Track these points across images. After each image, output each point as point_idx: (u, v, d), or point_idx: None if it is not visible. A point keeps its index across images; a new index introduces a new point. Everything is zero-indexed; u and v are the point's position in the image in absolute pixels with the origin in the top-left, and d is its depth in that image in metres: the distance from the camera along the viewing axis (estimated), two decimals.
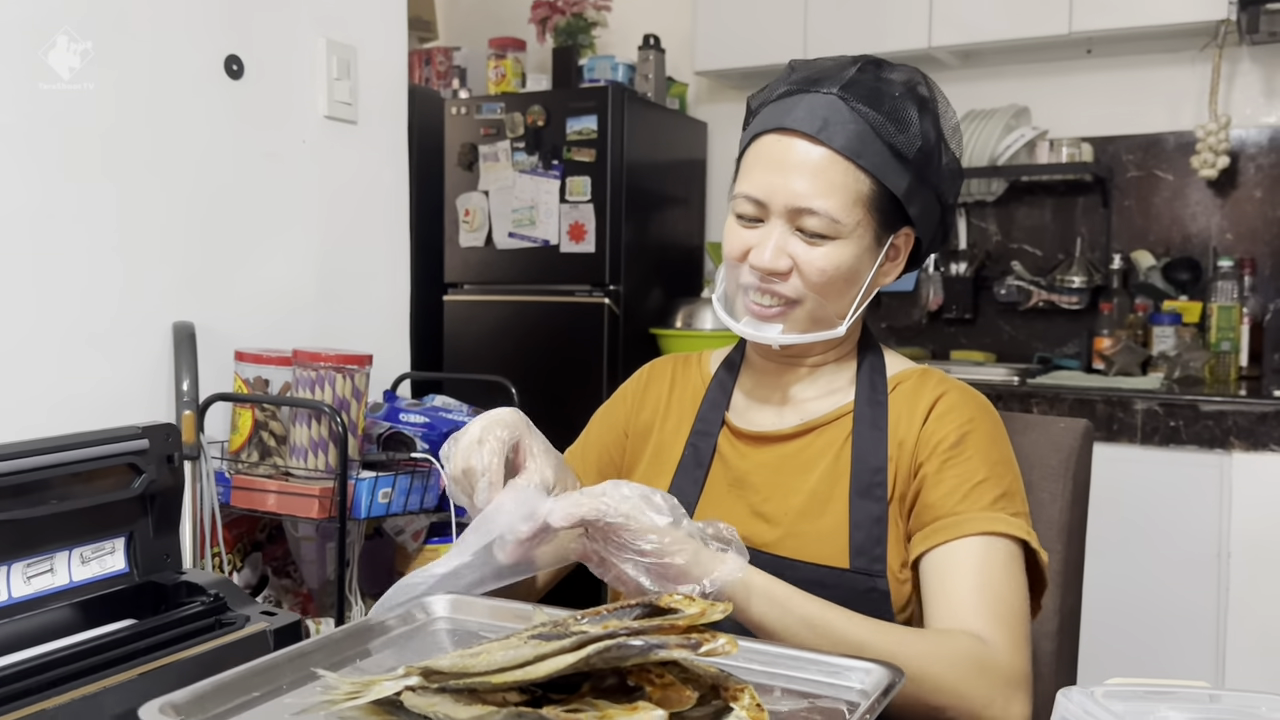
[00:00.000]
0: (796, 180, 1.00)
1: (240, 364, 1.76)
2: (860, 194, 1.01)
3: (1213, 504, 2.45)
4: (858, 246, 1.03)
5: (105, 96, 1.65)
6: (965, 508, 0.98)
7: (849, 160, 1.00)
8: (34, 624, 0.96)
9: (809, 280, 1.02)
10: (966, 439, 1.02)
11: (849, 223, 1.01)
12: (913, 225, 1.07)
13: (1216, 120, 2.85)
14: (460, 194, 3.30)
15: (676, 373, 1.22)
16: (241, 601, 1.05)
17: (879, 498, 1.02)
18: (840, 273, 1.02)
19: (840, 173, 1.00)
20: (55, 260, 1.60)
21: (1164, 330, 2.94)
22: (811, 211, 1.00)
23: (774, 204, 1.02)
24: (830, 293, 1.03)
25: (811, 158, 1.00)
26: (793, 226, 1.02)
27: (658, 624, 0.60)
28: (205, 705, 0.65)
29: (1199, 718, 0.79)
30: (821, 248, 1.01)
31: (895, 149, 1.01)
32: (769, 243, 1.02)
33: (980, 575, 0.95)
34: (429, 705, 0.62)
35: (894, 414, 1.07)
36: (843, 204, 1.00)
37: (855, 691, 0.70)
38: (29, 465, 0.95)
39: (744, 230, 1.05)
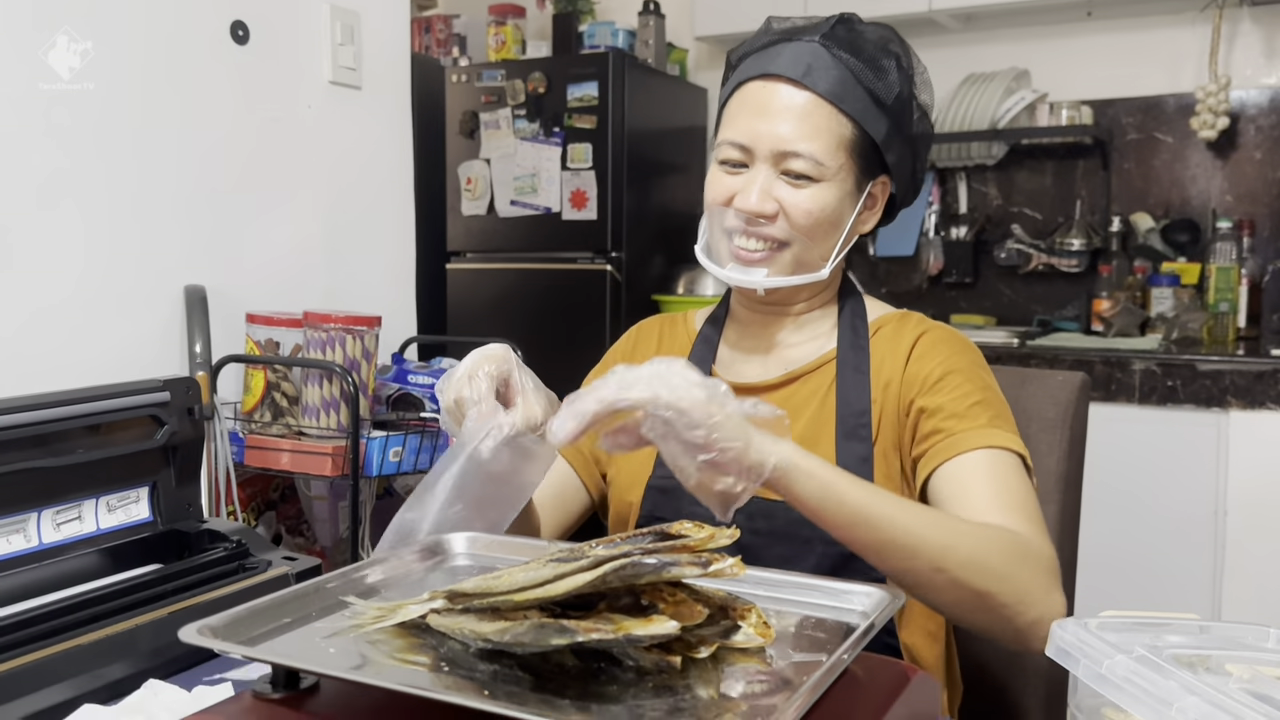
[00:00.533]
0: (781, 124, 1.03)
1: (251, 326, 1.79)
2: (843, 138, 1.04)
3: (1210, 463, 2.48)
4: (840, 190, 1.06)
5: (113, 62, 1.66)
6: (965, 426, 1.01)
7: (832, 104, 1.03)
8: (65, 568, 1.00)
9: (795, 222, 1.05)
10: (952, 371, 1.05)
11: (832, 165, 1.04)
12: (889, 174, 1.10)
13: (1216, 81, 2.86)
14: (462, 162, 3.31)
15: (663, 332, 1.25)
16: (263, 548, 1.08)
17: (864, 438, 1.05)
18: (825, 215, 1.05)
19: (824, 116, 1.04)
20: (67, 226, 1.62)
21: (1162, 292, 2.96)
22: (797, 154, 1.03)
23: (759, 148, 1.05)
24: (816, 235, 1.06)
25: (796, 102, 1.04)
26: (777, 170, 1.05)
27: (668, 545, 0.63)
28: (239, 629, 0.68)
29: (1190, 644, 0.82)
30: (806, 190, 1.04)
31: (875, 95, 1.05)
32: (755, 186, 1.04)
33: (995, 481, 0.97)
34: (454, 625, 0.65)
35: (876, 357, 1.10)
36: (827, 147, 1.03)
37: (857, 613, 0.73)
38: (56, 415, 0.98)
39: (728, 176, 1.08)
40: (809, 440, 1.08)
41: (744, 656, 0.66)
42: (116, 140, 1.68)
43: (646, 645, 0.62)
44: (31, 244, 1.58)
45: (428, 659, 0.66)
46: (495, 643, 0.62)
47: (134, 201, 1.70)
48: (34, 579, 0.96)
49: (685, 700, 0.60)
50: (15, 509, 0.97)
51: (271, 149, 1.92)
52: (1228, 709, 0.67)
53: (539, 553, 0.83)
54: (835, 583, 0.77)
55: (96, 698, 0.82)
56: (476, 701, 0.57)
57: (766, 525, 1.03)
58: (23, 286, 1.57)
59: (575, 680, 0.62)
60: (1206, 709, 0.68)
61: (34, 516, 0.99)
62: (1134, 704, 0.72)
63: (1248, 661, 0.78)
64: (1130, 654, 0.76)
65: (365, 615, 0.69)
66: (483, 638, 0.62)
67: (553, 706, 0.58)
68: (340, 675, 0.62)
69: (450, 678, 0.63)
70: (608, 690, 0.61)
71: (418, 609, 0.68)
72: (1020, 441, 1.02)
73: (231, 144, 1.85)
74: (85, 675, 0.83)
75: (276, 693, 0.65)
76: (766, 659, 0.66)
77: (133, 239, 1.71)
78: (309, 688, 0.66)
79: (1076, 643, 0.78)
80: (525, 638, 0.59)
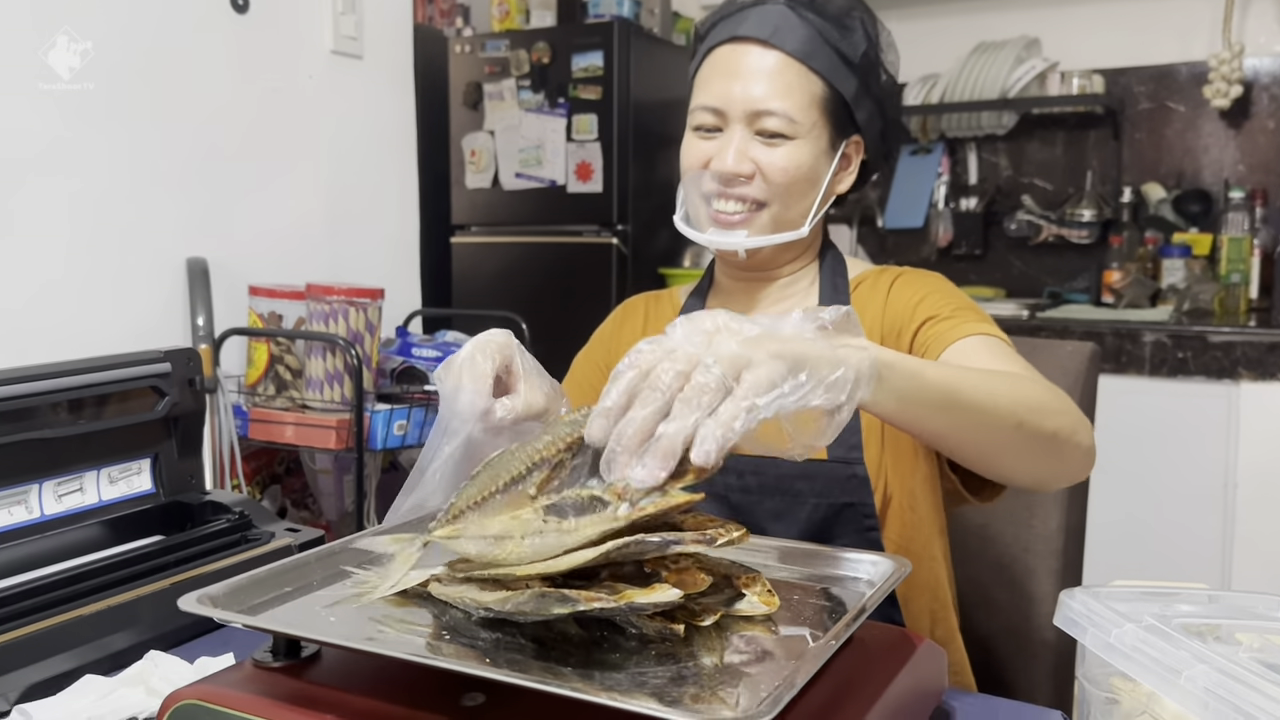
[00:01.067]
0: (753, 85, 1.04)
1: (254, 298, 1.78)
2: (814, 95, 1.05)
3: (1220, 435, 2.47)
4: (815, 148, 1.06)
5: (113, 32, 1.65)
6: (955, 322, 1.02)
7: (801, 63, 1.04)
8: (67, 540, 0.99)
9: (772, 181, 1.05)
10: (932, 292, 1.07)
11: (805, 122, 1.05)
12: (861, 133, 1.11)
13: (1230, 49, 2.82)
14: (466, 134, 3.29)
15: (649, 308, 1.25)
16: (266, 519, 1.08)
17: None
18: (801, 172, 1.06)
19: (794, 74, 1.04)
20: (67, 199, 1.61)
21: (1174, 263, 2.93)
22: (770, 112, 1.03)
23: (732, 110, 1.05)
24: (793, 193, 1.07)
25: (766, 62, 1.04)
26: (752, 131, 1.05)
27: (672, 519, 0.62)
28: (240, 598, 0.67)
29: (1199, 613, 0.81)
30: (781, 148, 1.05)
31: (842, 53, 1.05)
32: (730, 147, 1.05)
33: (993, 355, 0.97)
34: (455, 593, 0.64)
35: (858, 309, 1.10)
36: (799, 104, 1.04)
37: (863, 582, 0.72)
38: (57, 387, 0.98)
39: (702, 142, 1.08)
40: None
41: (748, 625, 0.65)
42: (115, 112, 1.66)
43: (650, 613, 0.61)
44: (31, 217, 1.57)
45: (429, 628, 0.65)
46: (497, 612, 0.61)
47: (134, 173, 1.69)
48: (36, 550, 0.96)
49: (689, 668, 0.59)
50: (17, 480, 0.96)
51: (272, 120, 1.91)
52: (1237, 677, 0.66)
53: None
54: (841, 551, 0.76)
55: (98, 668, 0.82)
56: (479, 669, 0.56)
57: (756, 481, 1.04)
58: (24, 259, 1.56)
59: (578, 648, 0.61)
60: (1215, 677, 0.67)
61: (35, 488, 0.98)
62: (1142, 673, 0.72)
63: (1258, 630, 0.77)
64: (1139, 623, 0.75)
65: (367, 584, 0.69)
66: (484, 606, 0.62)
67: (555, 674, 0.58)
68: (341, 644, 0.61)
69: (452, 646, 0.62)
70: (610, 658, 0.60)
71: (419, 575, 0.68)
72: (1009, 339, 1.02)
73: (232, 115, 1.84)
74: (87, 646, 0.83)
75: (277, 661, 0.64)
76: (771, 627, 0.65)
77: (133, 211, 1.70)
78: (310, 656, 0.65)
79: (1085, 612, 0.77)
80: (527, 607, 0.59)
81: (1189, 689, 0.68)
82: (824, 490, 1.00)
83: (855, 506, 1.01)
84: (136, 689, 0.76)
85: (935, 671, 0.73)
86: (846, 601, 0.69)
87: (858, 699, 0.62)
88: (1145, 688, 0.73)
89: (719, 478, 1.04)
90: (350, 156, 2.06)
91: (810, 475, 1.02)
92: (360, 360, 1.66)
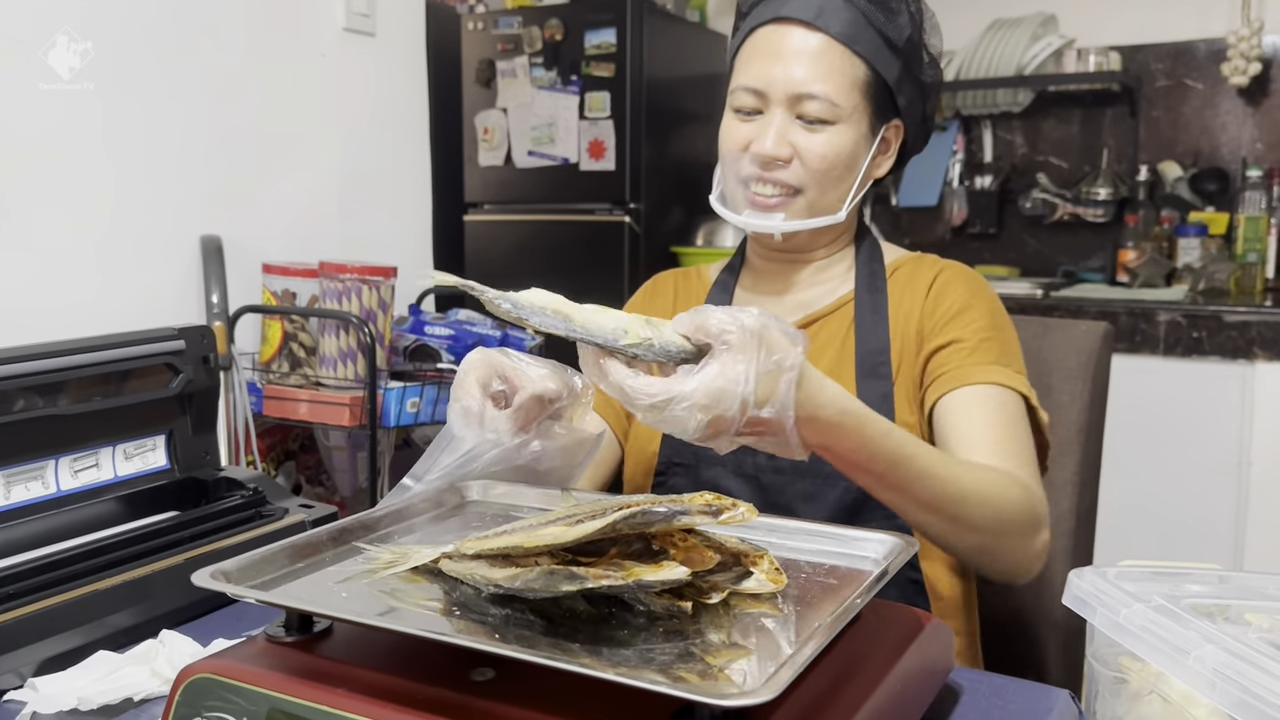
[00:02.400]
0: (795, 67, 1.03)
1: (268, 276, 1.79)
2: (856, 79, 1.04)
3: (1235, 414, 2.46)
4: (855, 133, 1.05)
5: (125, 11, 1.65)
6: (973, 361, 1.02)
7: (845, 45, 1.03)
8: (83, 515, 1.01)
9: (810, 167, 1.05)
10: (968, 308, 1.06)
11: (847, 106, 1.03)
12: (901, 117, 1.10)
13: (1249, 26, 2.78)
14: (479, 112, 3.28)
15: (679, 284, 1.25)
16: (280, 495, 1.09)
17: (884, 375, 1.06)
18: (840, 159, 1.05)
19: (838, 57, 1.03)
20: (80, 177, 1.62)
21: (1189, 242, 2.91)
22: (811, 96, 1.02)
23: (773, 92, 1.04)
24: (830, 180, 1.06)
25: (809, 44, 1.03)
26: (792, 114, 1.04)
27: (676, 498, 0.63)
28: (253, 573, 0.68)
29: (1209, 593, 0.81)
30: (821, 134, 1.04)
31: (886, 36, 1.04)
32: (770, 131, 1.04)
33: (994, 416, 0.98)
34: (466, 570, 0.65)
35: (894, 298, 1.10)
36: (840, 87, 1.03)
37: (870, 560, 0.73)
38: (73, 364, 0.99)
39: (742, 124, 1.07)
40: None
41: (756, 603, 0.66)
42: (129, 90, 1.67)
43: (657, 591, 0.61)
44: (46, 195, 1.58)
45: (440, 604, 0.66)
46: (506, 588, 0.62)
47: (147, 152, 1.70)
48: (52, 525, 0.98)
49: (696, 645, 0.60)
50: (34, 456, 0.98)
51: (286, 98, 1.91)
52: (1246, 658, 0.67)
53: (552, 502, 0.83)
54: (849, 530, 0.76)
55: (113, 642, 0.83)
56: (488, 645, 0.56)
57: (789, 463, 1.03)
58: (40, 237, 1.57)
59: (586, 625, 0.62)
60: (1224, 658, 0.67)
61: (52, 464, 0.99)
62: (1151, 653, 0.72)
63: (1268, 611, 0.77)
64: (1148, 603, 0.75)
65: (378, 561, 0.69)
66: (494, 583, 0.62)
67: (563, 650, 0.58)
68: (353, 619, 0.62)
69: (462, 622, 0.63)
70: (618, 635, 0.60)
71: (430, 552, 0.68)
72: (1025, 382, 1.03)
73: (245, 93, 1.84)
74: (101, 621, 0.84)
75: (290, 636, 0.65)
76: (778, 605, 0.66)
77: (147, 189, 1.70)
78: (322, 631, 0.66)
79: (1094, 591, 0.77)
80: (535, 584, 0.59)
81: (1197, 669, 0.68)
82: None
83: None
84: (142, 669, 0.77)
85: (942, 650, 0.73)
86: (854, 580, 0.70)
87: (864, 677, 0.63)
88: (1154, 667, 0.73)
89: (749, 458, 1.05)
90: (363, 134, 2.06)
91: None
92: (373, 338, 1.67)
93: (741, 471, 1.05)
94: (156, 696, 0.76)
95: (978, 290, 1.09)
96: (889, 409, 1.04)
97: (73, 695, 0.74)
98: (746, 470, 1.05)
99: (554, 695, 0.57)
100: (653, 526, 0.62)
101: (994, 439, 0.97)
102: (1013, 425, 0.99)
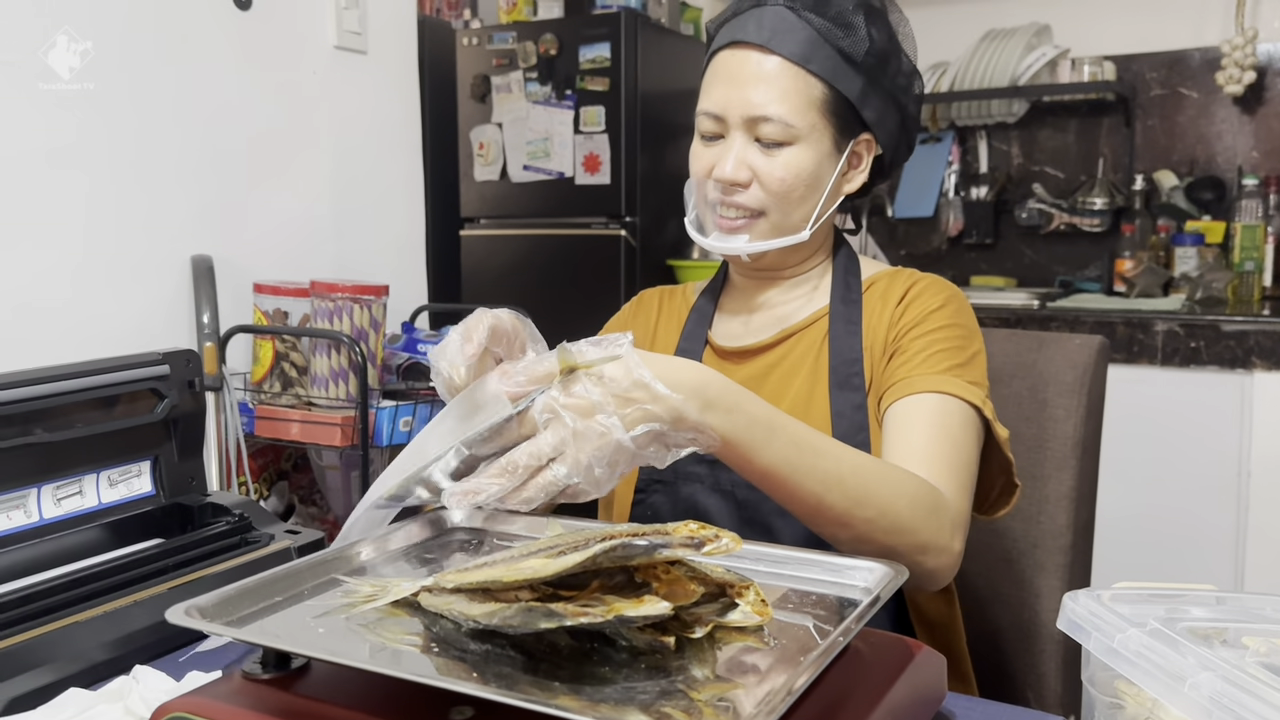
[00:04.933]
0: (751, 91, 1.04)
1: (259, 296, 1.78)
2: (813, 98, 1.04)
3: (1233, 425, 2.45)
4: (816, 152, 1.05)
5: (115, 31, 1.64)
6: (924, 370, 1.02)
7: (799, 66, 1.03)
8: (65, 544, 0.99)
9: (769, 189, 1.05)
10: (930, 317, 1.06)
11: (803, 126, 1.04)
12: (870, 131, 1.09)
13: (1243, 34, 2.78)
14: (474, 127, 3.28)
15: (663, 301, 1.26)
16: (266, 521, 1.08)
17: (857, 386, 1.06)
18: (800, 179, 1.05)
19: (791, 78, 1.03)
20: (71, 196, 1.61)
21: (1186, 251, 2.90)
22: (766, 118, 1.03)
23: (731, 116, 1.05)
24: (791, 200, 1.06)
25: (764, 68, 1.04)
26: (751, 137, 1.05)
27: (659, 528, 0.61)
28: (229, 609, 0.67)
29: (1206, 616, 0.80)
30: (779, 156, 1.04)
31: (844, 52, 1.04)
32: (730, 155, 1.05)
33: (933, 426, 0.98)
34: (445, 604, 0.64)
35: (869, 310, 1.11)
36: (795, 108, 1.03)
37: (859, 589, 0.71)
38: (55, 390, 0.98)
39: (705, 149, 1.09)
40: (804, 393, 1.09)
41: (741, 635, 0.64)
42: (118, 108, 1.66)
43: (639, 625, 0.60)
44: (36, 213, 1.57)
45: (419, 639, 0.64)
46: (485, 624, 0.60)
47: (137, 170, 1.69)
48: (35, 554, 0.96)
49: (679, 681, 0.58)
50: (15, 484, 0.96)
51: (276, 116, 1.90)
52: (1242, 685, 0.65)
53: (538, 529, 0.82)
54: (837, 558, 0.75)
55: (86, 678, 0.81)
56: (466, 686, 0.55)
57: None
58: (28, 256, 1.56)
59: (568, 661, 0.60)
60: (1220, 685, 0.66)
61: (34, 492, 0.98)
62: (1146, 679, 0.70)
63: (1265, 635, 0.76)
64: (1143, 627, 0.74)
65: (357, 594, 0.68)
66: (472, 619, 0.61)
67: (544, 689, 0.57)
68: (330, 659, 0.61)
69: (441, 659, 0.62)
70: (600, 671, 0.59)
71: (410, 586, 0.67)
72: (979, 394, 1.02)
73: (235, 111, 1.83)
74: (80, 654, 0.82)
75: (267, 673, 0.64)
76: (764, 638, 0.64)
77: (137, 208, 1.70)
78: (300, 668, 0.65)
79: (1089, 615, 0.76)
80: (514, 620, 0.58)
81: (1193, 697, 0.67)
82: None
83: None
84: (115, 706, 0.75)
85: (934, 678, 0.72)
86: (842, 610, 0.68)
87: (854, 710, 0.62)
88: (1150, 693, 0.72)
89: (725, 474, 1.04)
90: (355, 152, 2.06)
91: None
92: (364, 357, 1.66)
93: (719, 488, 1.06)
94: None
95: (947, 301, 1.09)
96: (863, 419, 1.04)
97: None
98: (723, 486, 1.06)
99: None
100: (634, 559, 0.61)
101: (925, 447, 0.96)
102: (951, 434, 0.98)
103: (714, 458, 1.06)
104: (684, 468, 1.07)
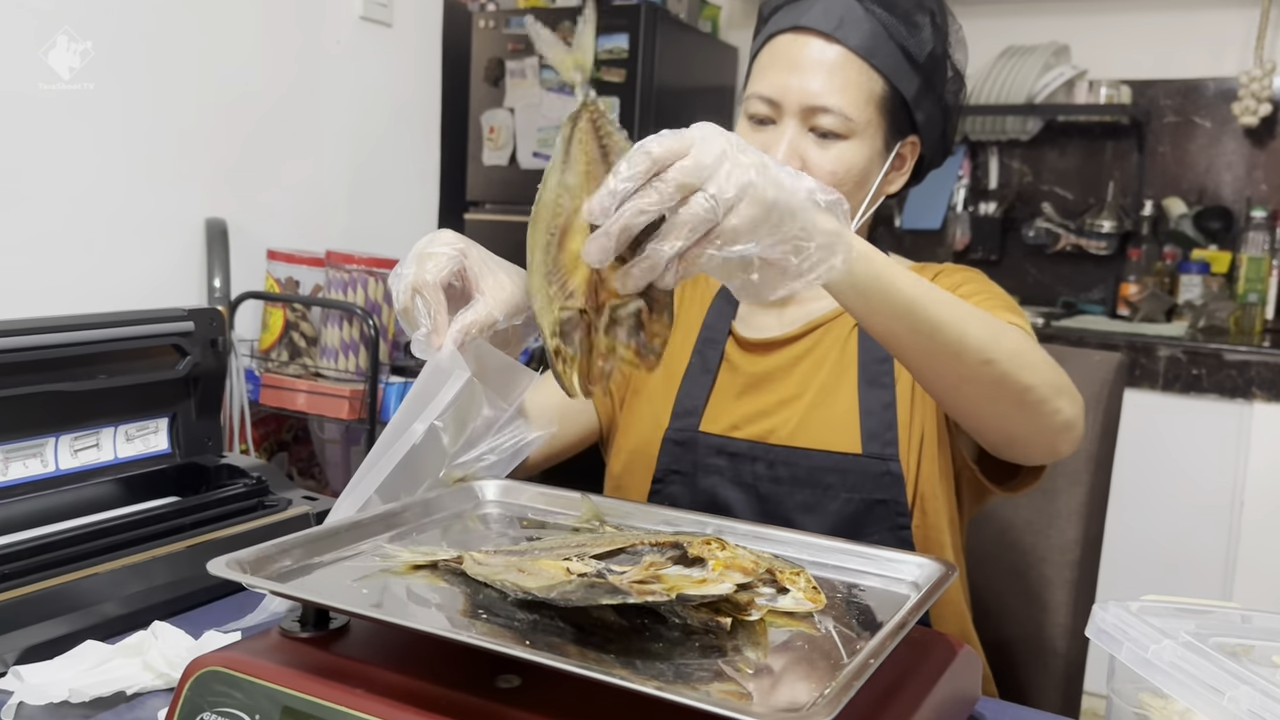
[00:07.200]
0: (811, 79, 1.00)
1: (272, 263, 1.76)
2: (873, 93, 1.02)
3: (1230, 453, 2.46)
4: (869, 149, 1.03)
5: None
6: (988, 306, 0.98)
7: (863, 59, 1.01)
8: (81, 496, 0.98)
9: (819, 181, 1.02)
10: (962, 287, 1.04)
11: (860, 121, 1.01)
12: (919, 134, 1.07)
13: (1261, 66, 2.79)
14: (486, 110, 3.25)
15: (685, 286, 1.22)
16: (283, 485, 1.06)
17: (886, 384, 1.04)
18: (850, 175, 1.02)
19: (855, 71, 1.01)
20: (87, 155, 1.59)
21: (1191, 279, 2.91)
22: (825, 109, 1.00)
23: (788, 103, 1.02)
24: None
25: (827, 56, 1.01)
26: (805, 126, 1.02)
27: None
28: (268, 564, 0.65)
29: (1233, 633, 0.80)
30: (833, 149, 1.01)
31: (907, 51, 1.02)
32: (781, 142, 1.01)
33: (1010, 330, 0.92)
34: (493, 574, 0.62)
35: None
36: (855, 102, 1.00)
37: (907, 584, 0.71)
38: (79, 339, 0.96)
39: (755, 133, 1.05)
40: (830, 386, 1.07)
41: (792, 621, 0.63)
42: (140, 70, 1.64)
43: (696, 605, 0.59)
44: (54, 172, 1.55)
45: (462, 605, 0.63)
46: (540, 598, 0.59)
47: (155, 131, 1.67)
48: (48, 505, 0.95)
49: (733, 662, 0.57)
50: (34, 433, 0.95)
51: (298, 84, 1.88)
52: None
53: (572, 506, 0.81)
54: (887, 551, 0.74)
55: (100, 632, 0.79)
56: (520, 650, 0.54)
57: (788, 473, 1.02)
58: (44, 213, 1.54)
59: (619, 635, 0.59)
60: (1260, 699, 0.66)
61: (52, 441, 0.96)
62: (1182, 690, 0.70)
63: None
64: (1176, 639, 0.73)
65: (397, 558, 0.67)
66: (524, 590, 0.60)
67: (596, 660, 0.56)
68: (375, 616, 0.59)
69: (487, 625, 0.60)
70: (652, 647, 0.58)
71: (450, 552, 0.66)
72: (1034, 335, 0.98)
73: (258, 77, 1.81)
74: (94, 607, 0.81)
75: (305, 631, 0.63)
76: (815, 624, 0.63)
77: (154, 169, 1.67)
78: (339, 628, 0.63)
79: (1120, 625, 0.75)
80: (574, 595, 0.57)
81: (1231, 709, 0.67)
82: (856, 485, 0.98)
83: (887, 504, 0.99)
84: (133, 661, 0.74)
85: (972, 678, 0.71)
86: (890, 603, 0.67)
87: (902, 703, 0.61)
88: (1177, 705, 0.71)
89: (748, 466, 1.03)
90: (374, 124, 2.04)
91: (843, 469, 1.00)
92: (377, 330, 1.64)
93: (739, 480, 1.03)
94: (149, 691, 0.73)
95: (974, 277, 1.07)
96: (891, 417, 1.02)
97: (63, 687, 0.70)
98: (745, 479, 1.03)
99: (584, 708, 0.54)
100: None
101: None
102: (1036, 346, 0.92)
103: (734, 449, 1.05)
104: (704, 460, 1.05)
